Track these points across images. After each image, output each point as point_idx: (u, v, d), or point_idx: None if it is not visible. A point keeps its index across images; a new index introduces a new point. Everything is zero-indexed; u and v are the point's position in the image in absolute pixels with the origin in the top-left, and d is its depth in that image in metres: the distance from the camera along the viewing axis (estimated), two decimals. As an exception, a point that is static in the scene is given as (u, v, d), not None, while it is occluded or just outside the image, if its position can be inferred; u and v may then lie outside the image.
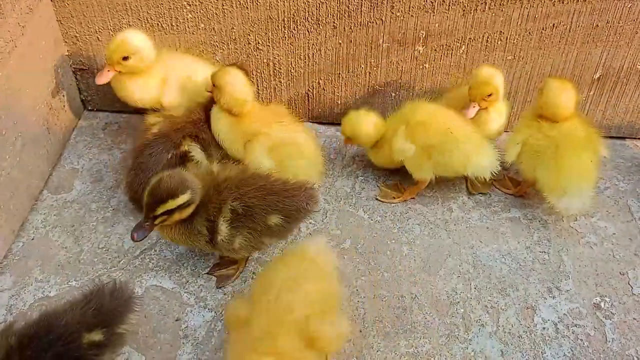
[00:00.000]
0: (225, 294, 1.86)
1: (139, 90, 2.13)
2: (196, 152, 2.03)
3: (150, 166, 1.96)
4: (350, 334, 1.65)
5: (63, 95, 2.29)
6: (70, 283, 1.87)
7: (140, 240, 1.67)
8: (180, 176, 1.67)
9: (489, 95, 2.07)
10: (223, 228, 1.72)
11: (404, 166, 2.10)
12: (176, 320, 1.79)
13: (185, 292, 1.86)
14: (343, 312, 1.62)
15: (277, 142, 2.01)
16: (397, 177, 2.22)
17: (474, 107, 2.09)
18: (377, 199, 2.17)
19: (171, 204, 1.63)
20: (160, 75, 2.15)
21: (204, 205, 1.71)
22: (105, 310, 1.49)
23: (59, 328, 1.41)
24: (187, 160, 2.00)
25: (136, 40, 2.05)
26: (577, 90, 2.05)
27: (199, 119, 2.08)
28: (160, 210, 1.64)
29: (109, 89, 2.21)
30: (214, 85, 2.01)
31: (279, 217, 1.74)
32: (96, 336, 1.45)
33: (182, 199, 1.64)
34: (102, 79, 2.07)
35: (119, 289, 1.54)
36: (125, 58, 2.04)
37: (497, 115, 2.15)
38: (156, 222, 1.66)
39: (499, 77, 2.08)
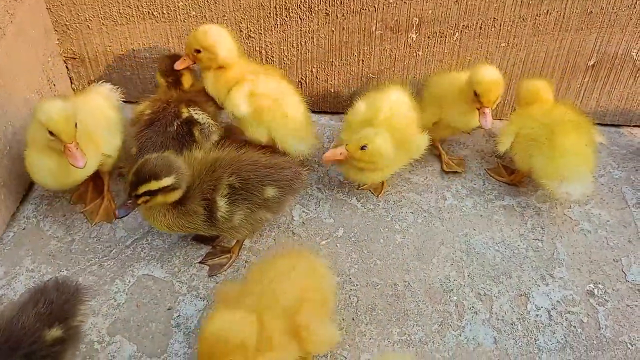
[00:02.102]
0: (217, 283, 1.85)
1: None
2: (197, 114, 2.02)
3: (159, 142, 1.94)
4: (339, 343, 1.65)
5: (54, 84, 2.27)
6: (61, 272, 1.86)
7: (122, 217, 1.71)
8: (168, 160, 1.67)
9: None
10: (222, 204, 1.73)
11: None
12: (168, 309, 1.78)
13: (177, 281, 1.85)
14: (333, 321, 1.63)
15: (260, 92, 2.01)
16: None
17: (489, 113, 1.97)
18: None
19: (153, 185, 1.64)
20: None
21: (198, 186, 1.72)
22: (57, 305, 1.46)
23: (17, 332, 1.37)
24: (194, 125, 1.99)
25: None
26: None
27: (183, 89, 2.08)
28: (142, 190, 1.64)
29: (99, 79, 2.20)
30: (197, 50, 1.99)
31: (274, 189, 1.78)
32: (56, 332, 1.42)
33: (165, 181, 1.64)
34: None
35: (62, 283, 1.51)
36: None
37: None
38: (139, 201, 1.67)
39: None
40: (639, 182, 2.19)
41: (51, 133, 1.70)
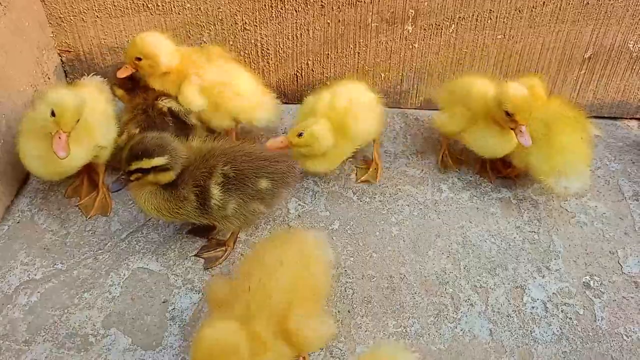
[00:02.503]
0: (212, 276, 1.84)
1: None
2: (170, 102, 2.03)
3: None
4: (334, 336, 1.65)
5: (48, 78, 2.26)
6: (56, 266, 1.85)
7: (115, 191, 1.71)
8: (163, 140, 1.68)
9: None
10: (215, 192, 1.72)
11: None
12: (163, 302, 1.77)
13: (172, 274, 1.84)
14: (327, 312, 1.61)
15: (208, 82, 2.05)
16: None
17: (526, 130, 1.90)
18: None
19: (145, 163, 1.64)
20: None
21: (191, 172, 1.72)
22: None
23: None
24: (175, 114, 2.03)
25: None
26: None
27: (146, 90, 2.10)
28: (134, 167, 1.65)
29: (94, 72, 2.20)
30: (137, 58, 2.03)
31: (268, 181, 1.78)
32: None
33: (157, 161, 1.65)
34: None
35: None
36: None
37: None
38: (131, 177, 1.68)
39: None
40: (635, 175, 2.19)
41: (53, 114, 1.71)
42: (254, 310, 1.39)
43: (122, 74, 2.07)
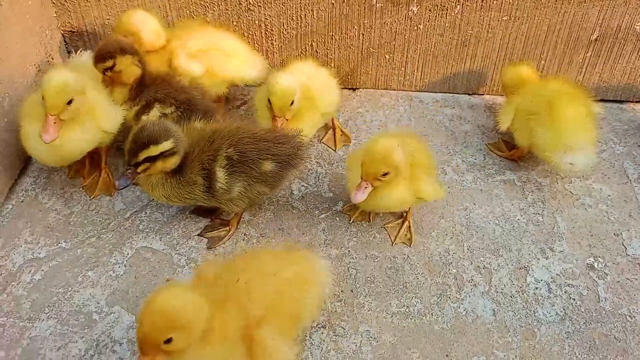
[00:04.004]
0: (216, 255, 1.84)
1: None
2: (162, 109, 1.95)
3: None
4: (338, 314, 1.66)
5: (52, 58, 2.26)
6: (60, 244, 1.86)
7: (123, 188, 1.66)
8: (164, 125, 1.66)
9: (384, 174, 1.67)
10: (220, 175, 1.71)
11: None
12: (167, 281, 1.77)
13: (175, 254, 1.85)
14: (298, 340, 1.53)
15: (198, 49, 2.08)
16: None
17: (365, 187, 1.69)
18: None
19: (153, 150, 1.62)
20: None
21: (197, 156, 1.71)
22: None
23: None
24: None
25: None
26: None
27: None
28: (142, 156, 1.62)
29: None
30: (124, 36, 2.03)
31: (272, 163, 1.76)
32: None
33: (164, 146, 1.63)
34: None
35: None
36: None
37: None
38: (139, 169, 1.65)
39: (399, 152, 1.68)
40: (640, 158, 2.19)
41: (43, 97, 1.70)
42: (230, 302, 1.35)
43: None
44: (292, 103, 1.86)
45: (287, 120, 1.88)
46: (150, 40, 2.06)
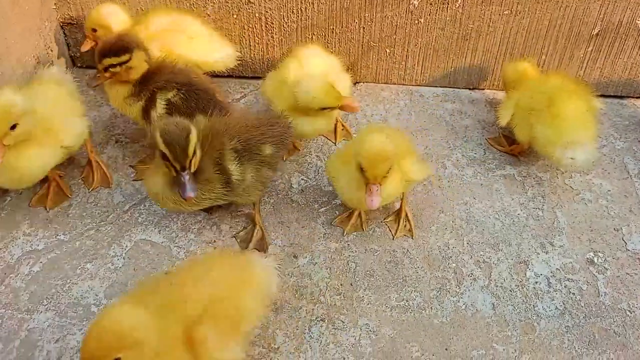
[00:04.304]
0: (215, 248, 1.84)
1: None
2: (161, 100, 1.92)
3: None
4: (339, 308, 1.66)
5: (51, 50, 2.25)
6: (58, 237, 1.85)
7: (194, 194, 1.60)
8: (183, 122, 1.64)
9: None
10: (233, 167, 1.71)
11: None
12: (165, 274, 1.76)
13: (174, 246, 1.84)
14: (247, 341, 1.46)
15: (156, 30, 2.08)
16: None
17: (377, 189, 1.63)
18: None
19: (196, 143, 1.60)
20: None
21: (206, 154, 1.67)
22: None
23: None
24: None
25: None
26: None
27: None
28: (191, 150, 1.58)
29: (95, 45, 2.17)
30: (93, 29, 2.10)
31: (270, 146, 1.78)
32: None
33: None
34: None
35: None
36: None
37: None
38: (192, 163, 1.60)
39: (391, 144, 1.65)
40: (641, 153, 2.18)
41: None
42: (167, 307, 1.32)
43: (84, 47, 2.15)
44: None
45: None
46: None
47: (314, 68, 2.01)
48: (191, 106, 1.88)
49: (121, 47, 1.83)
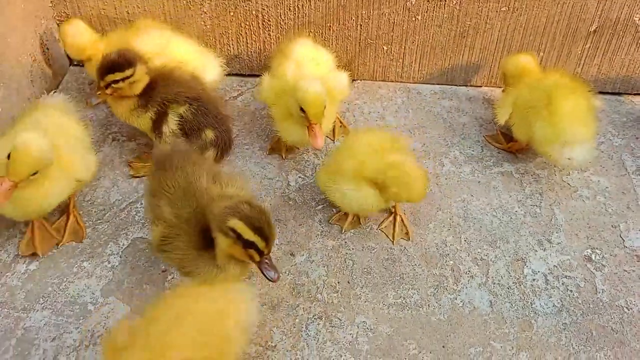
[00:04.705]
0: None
1: None
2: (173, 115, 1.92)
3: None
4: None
5: (47, 48, 2.24)
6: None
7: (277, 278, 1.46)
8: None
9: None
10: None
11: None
12: (162, 272, 1.77)
13: (171, 244, 1.84)
14: None
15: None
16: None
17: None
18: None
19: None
20: None
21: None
22: None
23: None
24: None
25: None
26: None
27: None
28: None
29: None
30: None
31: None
32: None
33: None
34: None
35: None
36: None
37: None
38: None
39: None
40: (639, 150, 2.17)
41: (9, 157, 1.54)
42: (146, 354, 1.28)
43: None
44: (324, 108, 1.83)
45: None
46: (76, 55, 2.14)
47: (313, 69, 2.00)
48: (200, 121, 1.91)
49: (124, 61, 1.81)
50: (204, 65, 2.11)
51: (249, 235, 1.38)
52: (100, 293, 1.70)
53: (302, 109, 1.81)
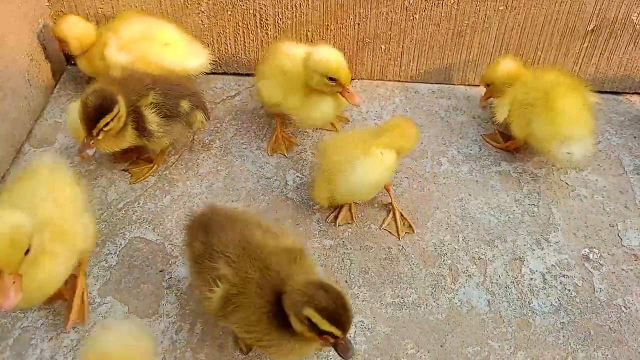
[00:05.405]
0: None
1: None
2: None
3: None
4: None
5: (45, 48, 2.24)
6: (52, 235, 1.84)
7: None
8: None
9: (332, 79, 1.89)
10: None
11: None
12: (160, 272, 1.76)
13: (169, 244, 1.83)
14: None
15: (130, 38, 2.08)
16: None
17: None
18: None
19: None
20: None
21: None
22: None
23: None
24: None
25: None
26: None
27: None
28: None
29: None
30: (59, 39, 2.16)
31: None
32: None
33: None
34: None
35: None
36: None
37: None
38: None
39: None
40: (636, 149, 2.17)
41: None
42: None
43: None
44: None
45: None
46: (77, 46, 2.15)
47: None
48: (171, 96, 1.91)
49: (108, 101, 1.73)
50: (189, 50, 2.15)
51: (325, 326, 1.29)
52: (98, 293, 1.70)
53: (330, 78, 1.87)
